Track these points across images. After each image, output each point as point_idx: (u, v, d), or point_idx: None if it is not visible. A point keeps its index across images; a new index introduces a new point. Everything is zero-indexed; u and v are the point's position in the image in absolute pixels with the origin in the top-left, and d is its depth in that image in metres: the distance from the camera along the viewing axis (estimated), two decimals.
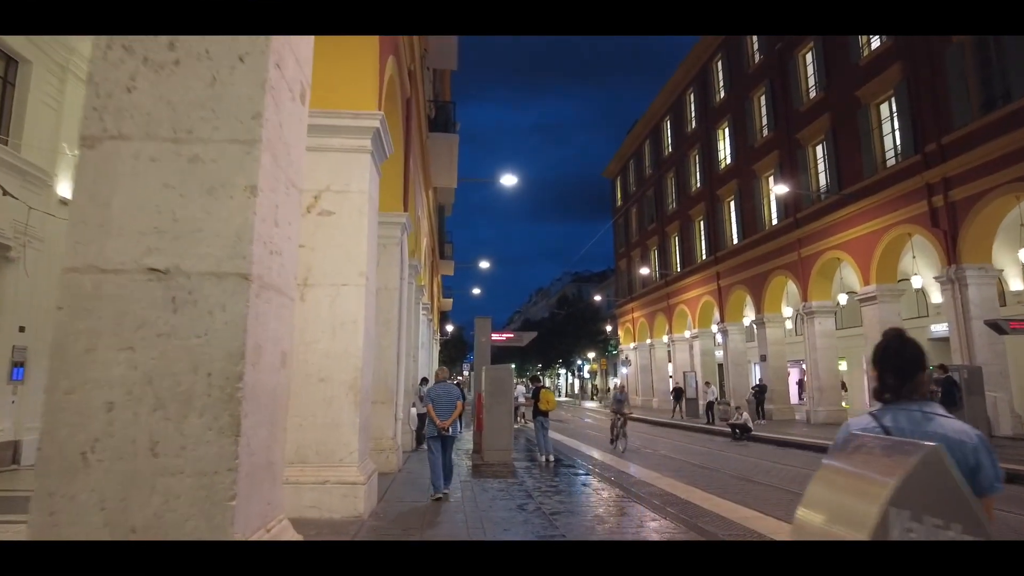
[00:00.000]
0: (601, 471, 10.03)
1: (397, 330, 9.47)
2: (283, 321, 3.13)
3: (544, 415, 11.40)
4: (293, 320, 3.32)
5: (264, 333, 2.82)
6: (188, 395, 2.51)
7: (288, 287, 3.19)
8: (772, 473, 10.74)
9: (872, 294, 18.02)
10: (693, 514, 6.59)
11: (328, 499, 5.71)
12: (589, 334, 54.77)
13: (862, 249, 18.60)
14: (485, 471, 9.57)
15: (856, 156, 19.00)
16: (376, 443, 8.86)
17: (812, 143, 21.48)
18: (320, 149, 6.30)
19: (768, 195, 24.52)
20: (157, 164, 2.66)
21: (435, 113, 14.78)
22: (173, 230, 2.63)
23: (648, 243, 37.42)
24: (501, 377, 10.74)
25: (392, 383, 9.17)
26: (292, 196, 3.27)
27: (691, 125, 31.68)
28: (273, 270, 2.93)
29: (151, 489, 2.43)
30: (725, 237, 27.63)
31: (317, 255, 6.09)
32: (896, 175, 17.25)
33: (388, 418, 9.03)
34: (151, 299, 2.56)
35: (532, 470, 9.87)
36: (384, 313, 9.27)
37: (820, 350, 20.92)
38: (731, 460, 12.69)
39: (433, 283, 26.35)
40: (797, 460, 12.50)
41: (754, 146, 25.06)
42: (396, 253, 9.47)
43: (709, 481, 9.77)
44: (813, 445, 14.55)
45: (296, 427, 5.84)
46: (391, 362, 9.18)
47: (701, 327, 30.36)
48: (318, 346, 5.92)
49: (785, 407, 23.50)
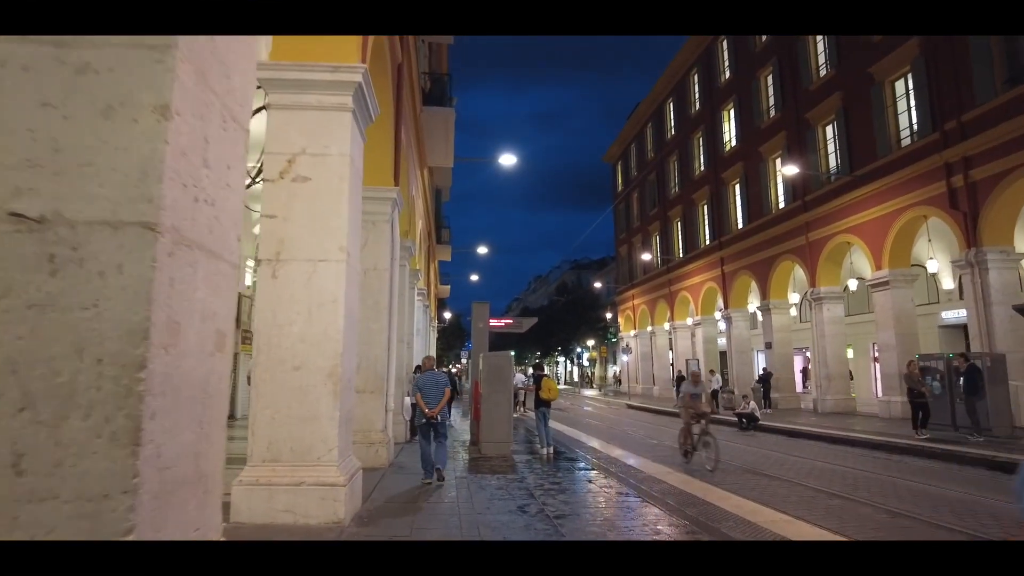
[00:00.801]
0: (606, 465, 9.39)
1: (388, 314, 8.77)
2: (219, 293, 2.43)
3: (546, 404, 10.74)
4: (235, 292, 2.62)
5: (185, 306, 2.12)
6: (69, 389, 1.82)
7: (226, 249, 2.49)
8: (786, 466, 10.12)
9: (885, 279, 17.34)
10: (714, 517, 5.95)
11: (304, 502, 5.04)
12: (588, 321, 54.14)
13: (874, 232, 17.90)
14: (483, 465, 8.92)
15: (869, 136, 18.23)
16: (364, 436, 8.20)
17: (822, 123, 20.70)
18: (294, 107, 5.58)
19: (775, 178, 23.78)
20: (31, 75, 1.95)
21: (430, 86, 13.98)
22: (53, 164, 1.92)
23: (650, 228, 36.66)
24: (500, 364, 10.04)
25: (382, 371, 8.48)
26: (233, 133, 2.55)
27: (695, 107, 30.82)
28: (200, 223, 2.23)
29: (12, 520, 1.75)
30: (730, 221, 26.90)
31: (291, 227, 5.37)
32: (912, 154, 16.50)
33: (378, 409, 8.36)
34: (18, 257, 1.85)
35: (533, 464, 9.22)
36: (373, 295, 8.57)
37: (828, 337, 20.29)
38: (740, 452, 12.08)
39: (430, 268, 25.63)
40: (808, 451, 11.88)
41: (760, 127, 24.26)
42: (386, 231, 8.75)
43: (721, 476, 9.14)
44: (823, 435, 13.93)
45: (268, 421, 5.17)
46: (381, 348, 8.49)
47: (704, 314, 29.70)
48: (292, 329, 5.22)
49: (791, 395, 22.92)
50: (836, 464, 10.23)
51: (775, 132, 23.16)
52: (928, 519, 6.36)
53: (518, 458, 9.71)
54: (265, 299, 5.27)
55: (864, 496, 7.40)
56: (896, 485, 8.23)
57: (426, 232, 21.93)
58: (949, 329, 20.87)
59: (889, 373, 17.33)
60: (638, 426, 18.44)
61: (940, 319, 20.93)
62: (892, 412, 16.91)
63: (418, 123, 12.75)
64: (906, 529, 5.88)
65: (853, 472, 9.44)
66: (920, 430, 12.40)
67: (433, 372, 7.83)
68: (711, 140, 28.58)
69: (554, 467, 8.96)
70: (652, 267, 36.08)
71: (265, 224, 5.41)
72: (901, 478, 8.78)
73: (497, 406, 9.85)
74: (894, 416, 16.76)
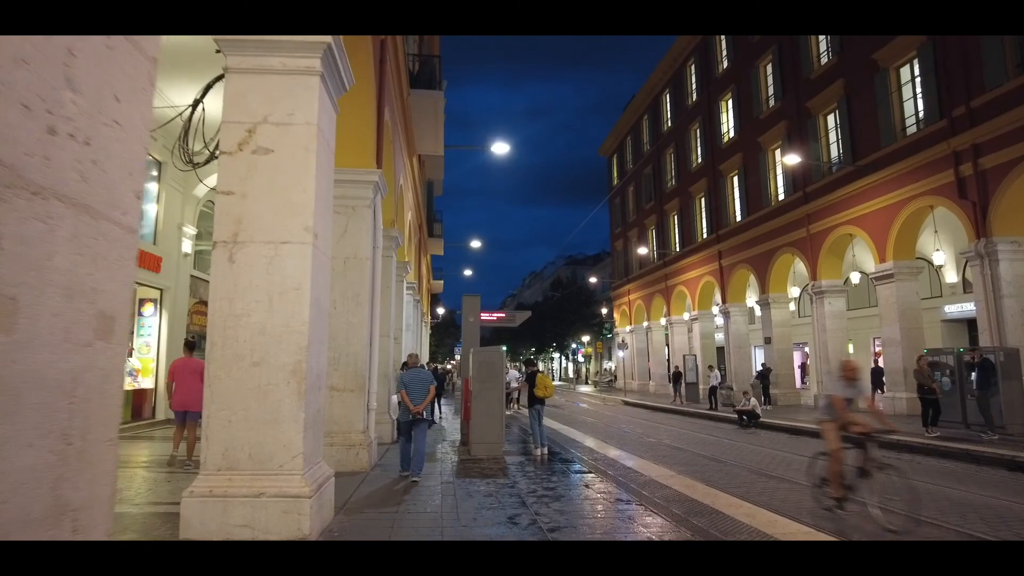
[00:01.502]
0: (604, 467, 8.82)
1: (370, 306, 8.15)
2: (101, 263, 1.82)
3: (540, 402, 10.16)
4: (130, 264, 2.01)
5: (30, 276, 1.51)
6: None
7: (114, 207, 1.88)
8: (793, 467, 9.58)
9: (889, 271, 16.82)
10: (726, 528, 5.37)
11: (264, 516, 4.44)
12: (584, 317, 53.57)
13: (878, 224, 17.37)
14: (472, 468, 8.33)
15: (873, 124, 17.68)
16: (344, 437, 7.61)
17: (823, 112, 20.15)
18: (256, 71, 4.95)
19: (775, 169, 23.24)
20: None
21: (418, 68, 13.31)
22: None
23: (646, 222, 36.10)
24: (491, 361, 9.44)
25: (363, 368, 7.87)
26: (126, 56, 1.94)
27: (692, 98, 30.23)
28: (60, 165, 1.62)
29: None
30: (728, 214, 26.35)
31: (250, 204, 4.75)
32: (918, 143, 15.96)
33: (358, 408, 7.76)
34: None
35: (526, 467, 8.62)
36: (353, 286, 7.96)
37: (830, 332, 19.77)
38: (744, 451, 11.54)
39: (421, 262, 24.99)
40: (814, 450, 11.33)
41: (760, 117, 23.69)
42: (367, 217, 8.13)
43: (727, 479, 8.58)
44: None
45: (223, 424, 4.56)
46: (361, 344, 7.88)
47: (701, 309, 29.18)
48: (251, 320, 4.60)
49: (790, 391, 22.43)
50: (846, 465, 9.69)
51: (775, 122, 22.60)
52: (957, 528, 5.82)
53: (510, 460, 9.12)
54: (221, 287, 4.65)
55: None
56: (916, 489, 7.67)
57: (416, 225, 21.30)
58: (952, 323, 20.42)
59: (894, 369, 16.82)
60: (635, 423, 17.90)
61: (943, 313, 20.48)
62: (897, 408, 16.42)
63: (405, 107, 12.10)
64: (937, 539, 5.32)
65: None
66: (930, 428, 11.89)
67: (418, 369, 7.85)
68: (709, 131, 28.00)
69: (548, 470, 8.38)
70: (648, 261, 35.54)
71: (221, 202, 4.79)
72: (919, 481, 8.24)
73: (488, 405, 9.25)
74: (899, 413, 16.26)
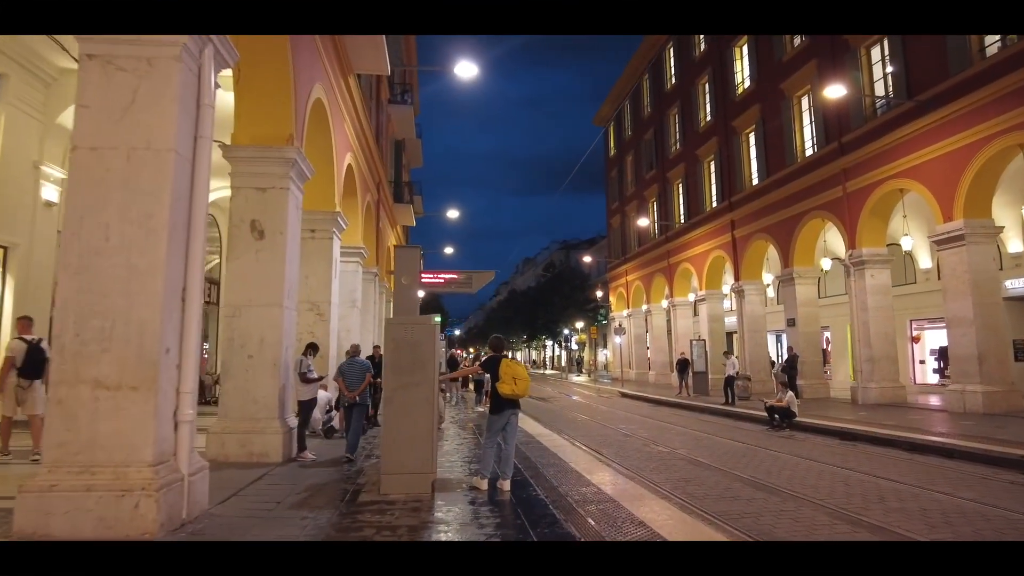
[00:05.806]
0: (603, 526, 5.32)
1: (185, 241, 4.59)
2: None
3: (512, 405, 6.35)
4: None
5: None
6: None
7: None
8: (908, 500, 6.14)
9: (958, 233, 13.29)
10: None
11: None
12: (577, 303, 49.95)
13: (942, 174, 13.82)
14: (366, 526, 4.79)
15: (938, 49, 14.07)
16: (113, 475, 4.07)
17: (865, 44, 16.55)
18: None
19: (800, 120, 19.65)
20: None
21: None
22: None
23: (646, 194, 32.44)
24: (415, 340, 5.76)
25: (154, 348, 4.28)
26: None
27: (699, 48, 26.50)
28: None
29: None
30: (743, 177, 22.75)
31: None
32: (1003, 64, 12.38)
33: (142, 420, 4.20)
34: None
35: (466, 526, 5.00)
36: (143, 201, 4.37)
37: (872, 310, 16.30)
38: (802, 471, 8.05)
39: (385, 230, 21.34)
40: (901, 470, 7.85)
41: (782, 60, 20.05)
42: (175, 77, 4.52)
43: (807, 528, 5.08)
44: (897, 440, 9.93)
45: None
46: (153, 307, 4.29)
47: (709, 288, 25.65)
48: None
49: (818, 383, 18.97)
50: (966, 498, 6.24)
51: (803, 62, 18.97)
52: None
53: (442, 508, 5.45)
54: None
55: None
56: None
57: (374, 182, 17.64)
58: (1015, 302, 16.98)
59: (963, 355, 13.33)
60: (637, 423, 14.40)
61: (1004, 290, 16.94)
62: (968, 405, 12.98)
63: None
64: None
65: (1008, 515, 5.52)
66: None
67: (355, 358, 8.56)
68: (720, 84, 24.31)
69: (511, 524, 4.85)
70: (648, 237, 31.96)
71: None
72: None
73: (408, 412, 5.59)
74: (971, 410, 12.84)
